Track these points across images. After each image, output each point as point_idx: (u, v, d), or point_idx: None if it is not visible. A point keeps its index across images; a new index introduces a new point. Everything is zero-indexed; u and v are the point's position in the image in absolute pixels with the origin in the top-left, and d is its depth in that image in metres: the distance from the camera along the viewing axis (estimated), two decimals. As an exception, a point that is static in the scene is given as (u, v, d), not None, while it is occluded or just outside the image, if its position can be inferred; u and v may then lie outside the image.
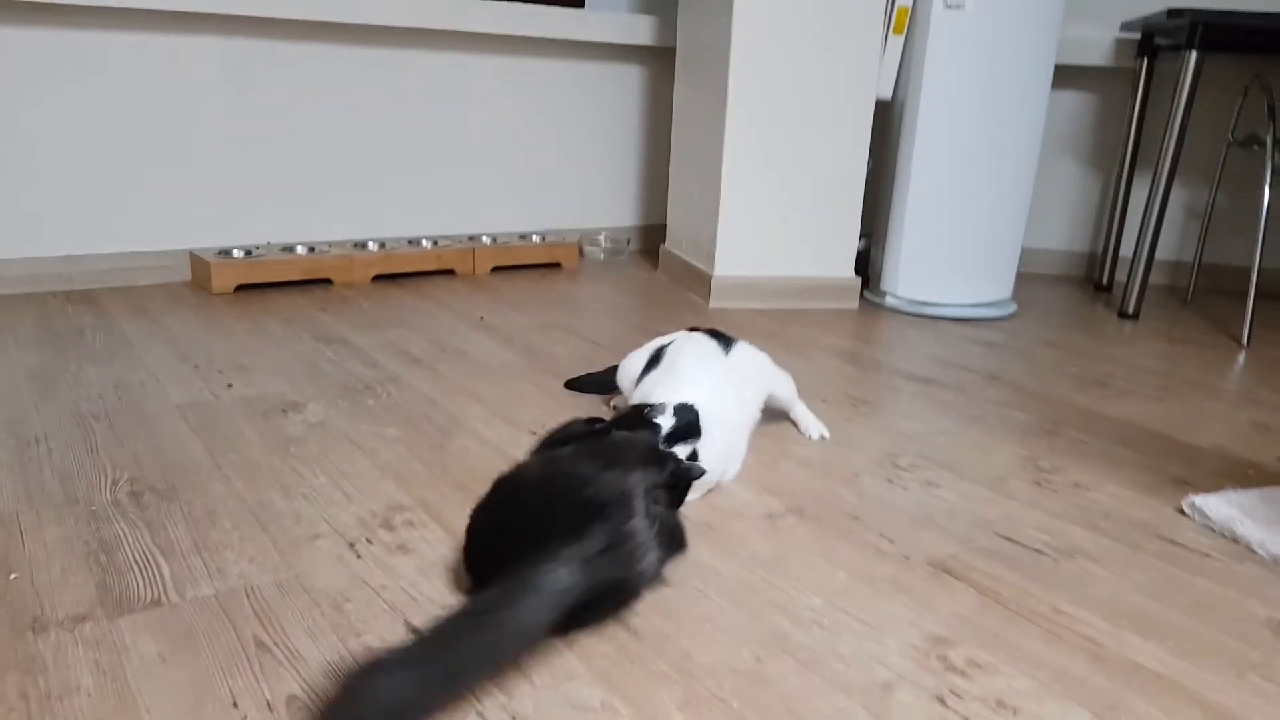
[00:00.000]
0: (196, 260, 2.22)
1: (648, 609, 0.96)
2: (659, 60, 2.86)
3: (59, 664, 0.83)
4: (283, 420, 1.42)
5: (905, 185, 2.30)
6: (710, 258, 2.33)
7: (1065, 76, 2.76)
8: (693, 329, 1.48)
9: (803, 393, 1.53)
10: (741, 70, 2.18)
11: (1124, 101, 2.75)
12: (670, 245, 2.60)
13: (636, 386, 1.35)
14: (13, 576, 0.96)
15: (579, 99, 2.76)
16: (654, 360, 1.38)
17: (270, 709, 0.78)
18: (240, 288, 2.19)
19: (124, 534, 1.06)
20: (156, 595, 0.94)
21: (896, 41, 2.25)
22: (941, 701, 0.84)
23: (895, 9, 2.22)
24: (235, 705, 0.78)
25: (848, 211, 2.30)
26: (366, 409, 1.48)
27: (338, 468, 1.26)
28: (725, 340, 1.43)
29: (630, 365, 1.44)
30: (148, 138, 2.17)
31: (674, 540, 1.05)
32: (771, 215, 2.29)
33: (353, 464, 1.28)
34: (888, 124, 2.39)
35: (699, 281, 2.37)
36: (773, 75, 2.19)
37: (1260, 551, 1.16)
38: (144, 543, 1.04)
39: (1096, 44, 2.69)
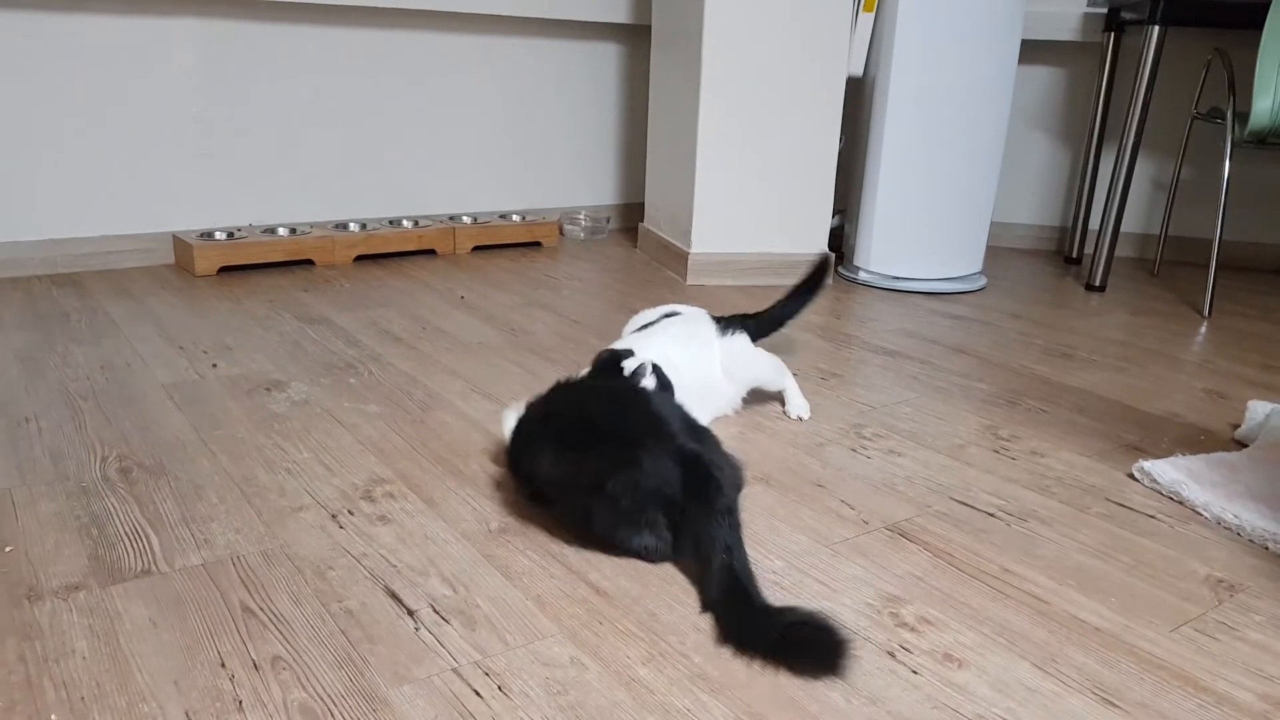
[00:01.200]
0: (179, 243, 2.24)
1: (616, 572, 1.01)
2: (636, 38, 2.88)
3: (55, 629, 0.87)
4: (266, 398, 1.46)
5: (877, 161, 2.34)
6: (687, 235, 2.37)
7: (1034, 51, 2.80)
8: (718, 317, 1.52)
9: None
10: (714, 48, 2.21)
11: (1092, 75, 2.79)
12: (648, 223, 2.64)
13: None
14: (8, 549, 1.00)
15: (557, 77, 2.78)
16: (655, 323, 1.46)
17: (256, 669, 0.83)
18: (223, 269, 2.22)
19: (114, 508, 1.10)
20: (146, 565, 0.98)
21: (867, 19, 2.29)
22: (892, 655, 0.90)
23: (867, -13, 2.25)
24: (223, 665, 0.83)
25: (820, 188, 2.34)
26: (348, 386, 1.52)
27: (320, 443, 1.30)
28: (727, 328, 1.48)
29: (636, 319, 1.53)
30: (129, 120, 2.18)
31: None
32: (746, 193, 2.32)
33: (335, 439, 1.32)
34: (859, 101, 2.42)
35: (676, 259, 2.41)
36: (745, 53, 2.22)
37: (1204, 513, 1.22)
38: (134, 516, 1.08)
39: (1065, 18, 2.73)
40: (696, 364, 1.39)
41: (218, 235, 2.25)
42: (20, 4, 2.01)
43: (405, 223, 2.51)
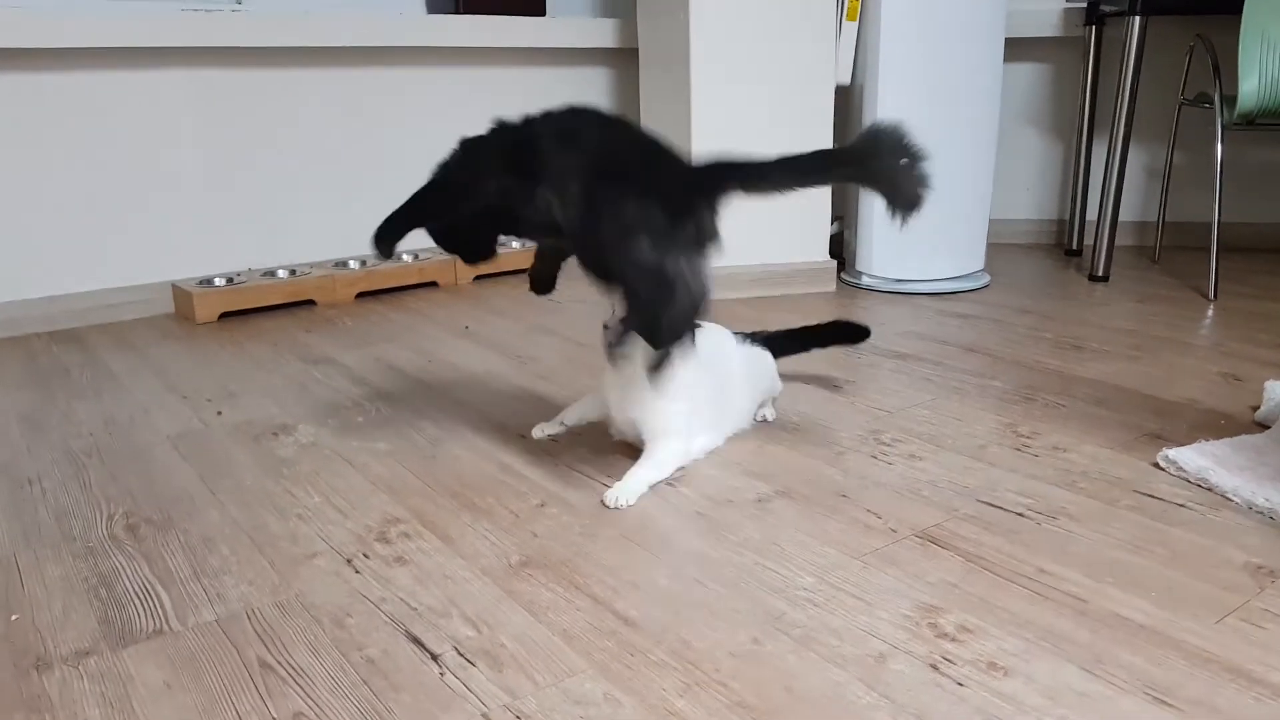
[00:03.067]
0: (179, 291, 2.23)
1: (645, 601, 0.98)
2: (622, 61, 2.87)
3: (65, 700, 0.84)
4: (274, 443, 1.43)
5: (872, 166, 2.33)
6: (686, 252, 2.34)
7: (1019, 48, 2.79)
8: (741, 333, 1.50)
9: (784, 374, 1.53)
10: (702, 66, 2.20)
11: (1077, 69, 2.78)
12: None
13: None
14: (14, 618, 0.97)
15: (547, 104, 2.76)
16: None
17: (279, 726, 0.80)
18: (224, 315, 2.20)
19: (122, 567, 1.07)
20: (158, 625, 0.95)
21: (850, 28, 2.28)
22: (935, 668, 0.87)
23: (848, -5, 2.25)
24: (245, 724, 0.80)
25: (818, 196, 2.32)
26: (356, 425, 1.50)
27: (331, 485, 1.28)
28: (746, 338, 1.48)
29: None
30: (122, 173, 2.17)
31: None
32: (744, 205, 2.30)
33: (345, 480, 1.29)
34: (849, 109, 2.41)
35: (676, 276, 2.39)
36: (733, 69, 2.21)
37: (1234, 499, 1.19)
38: (143, 574, 1.05)
39: (1045, 15, 2.73)
40: (715, 365, 1.37)
41: (217, 281, 2.23)
42: (11, 65, 2.00)
43: (405, 257, 2.49)
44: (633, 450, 1.32)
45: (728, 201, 1.20)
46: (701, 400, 1.31)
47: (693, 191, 1.16)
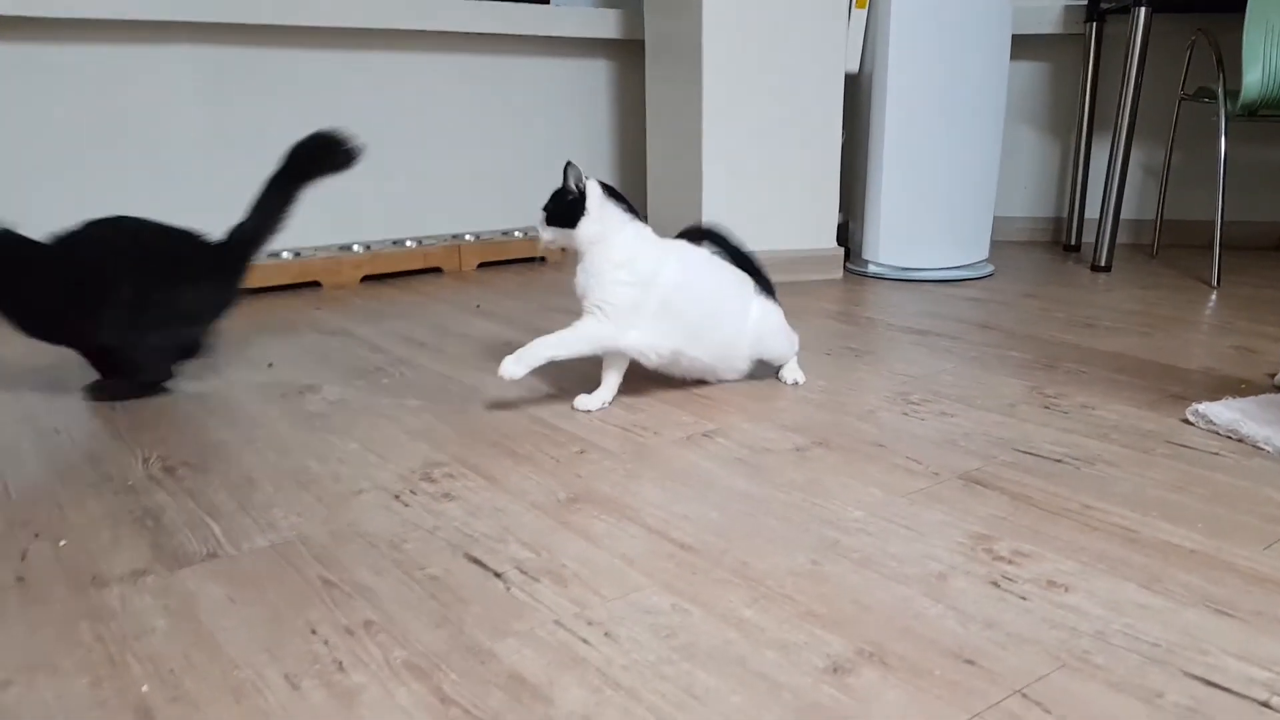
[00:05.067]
0: (183, 270, 2.20)
1: (697, 529, 0.98)
2: (626, 53, 2.90)
3: (128, 610, 0.83)
4: (301, 400, 1.42)
5: (879, 154, 2.36)
6: (695, 237, 2.36)
7: (1018, 45, 2.84)
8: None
9: (805, 348, 1.56)
10: (714, 56, 2.22)
11: (1076, 67, 2.84)
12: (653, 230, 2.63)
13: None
14: (62, 543, 0.96)
15: (551, 94, 2.79)
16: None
17: (349, 633, 0.79)
18: (230, 294, 2.18)
19: (167, 502, 1.05)
20: (212, 549, 0.94)
21: (860, 15, 2.32)
22: (996, 585, 0.88)
23: (857, -15, 2.28)
24: (314, 632, 0.79)
25: (826, 183, 2.35)
26: (383, 386, 1.49)
27: (367, 435, 1.27)
28: (761, 288, 1.52)
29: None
30: (124, 149, 2.15)
31: None
32: (753, 193, 2.33)
33: (380, 432, 1.28)
34: (857, 96, 2.45)
35: (686, 262, 2.40)
36: (744, 58, 2.23)
37: (1267, 448, 1.21)
38: (189, 508, 1.04)
39: (1045, 12, 2.79)
40: (712, 290, 1.44)
41: (223, 260, 2.21)
42: (12, 35, 1.99)
43: (409, 243, 2.49)
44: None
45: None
46: (675, 310, 1.37)
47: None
